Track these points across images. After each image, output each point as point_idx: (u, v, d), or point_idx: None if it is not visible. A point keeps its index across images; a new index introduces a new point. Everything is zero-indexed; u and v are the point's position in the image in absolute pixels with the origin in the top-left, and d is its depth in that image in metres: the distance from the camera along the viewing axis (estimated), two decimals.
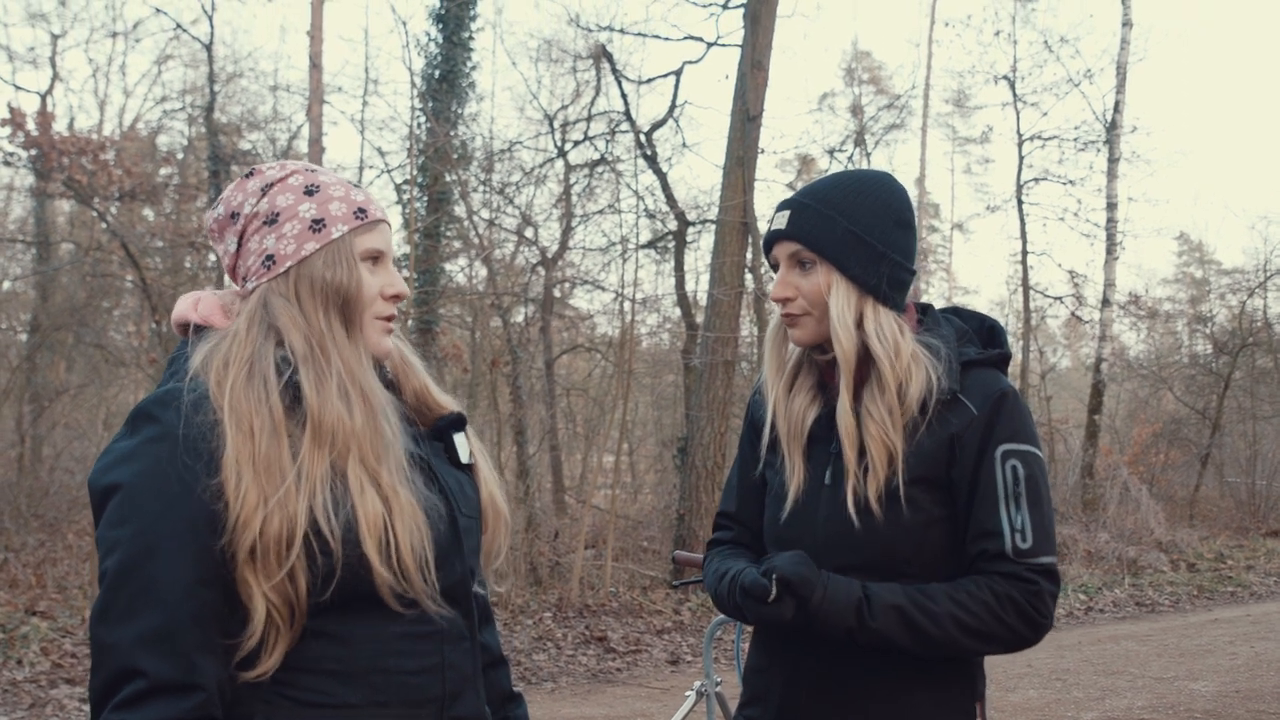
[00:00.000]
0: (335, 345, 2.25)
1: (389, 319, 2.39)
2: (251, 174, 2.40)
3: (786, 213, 2.85)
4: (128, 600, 2.05)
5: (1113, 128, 24.05)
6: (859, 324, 2.77)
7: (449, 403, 2.57)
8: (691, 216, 20.69)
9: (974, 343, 2.91)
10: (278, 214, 2.32)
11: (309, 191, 2.34)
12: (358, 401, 2.22)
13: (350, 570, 2.13)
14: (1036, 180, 26.96)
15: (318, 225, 2.30)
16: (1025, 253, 26.79)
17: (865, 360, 2.79)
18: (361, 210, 2.35)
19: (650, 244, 21.90)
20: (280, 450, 2.14)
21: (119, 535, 2.08)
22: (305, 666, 2.18)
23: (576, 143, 21.45)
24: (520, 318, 20.76)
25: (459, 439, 2.53)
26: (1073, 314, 28.07)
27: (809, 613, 2.64)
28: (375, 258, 2.36)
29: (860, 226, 2.79)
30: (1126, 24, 23.68)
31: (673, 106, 20.42)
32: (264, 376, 2.19)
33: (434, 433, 2.51)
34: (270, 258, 2.29)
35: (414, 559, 2.18)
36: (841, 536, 2.77)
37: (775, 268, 2.92)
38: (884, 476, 2.72)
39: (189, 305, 2.38)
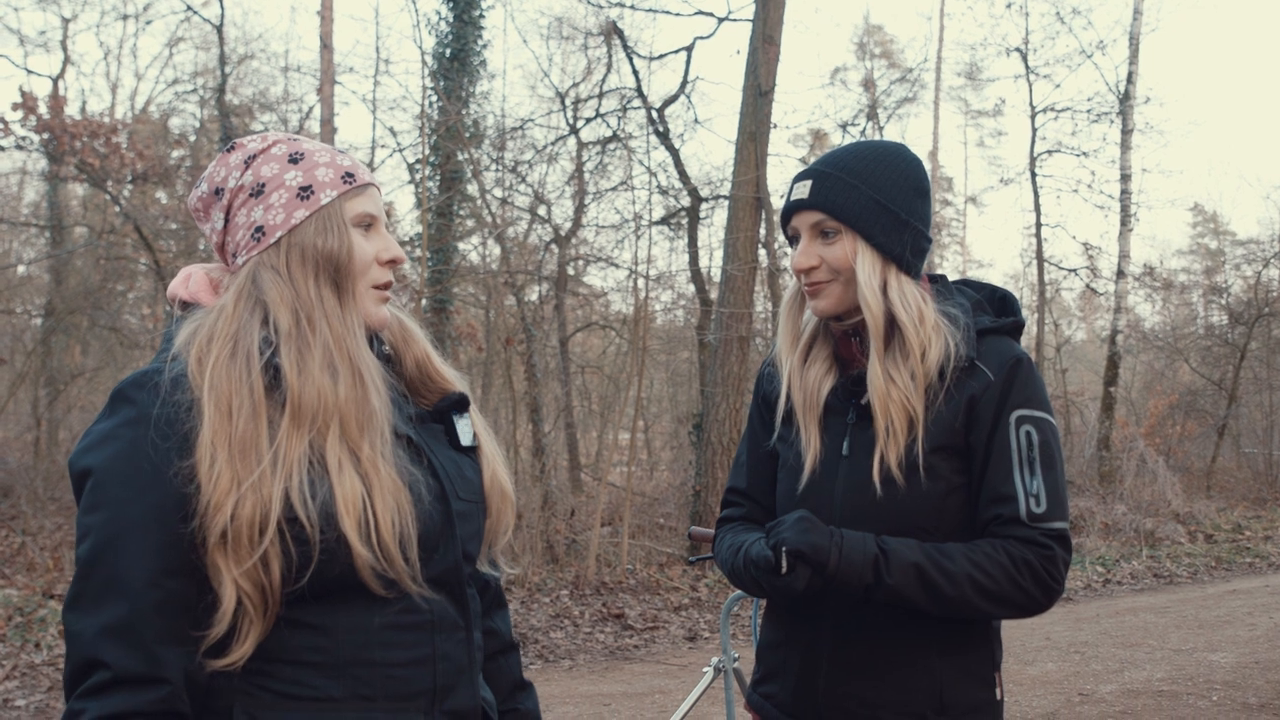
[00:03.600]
0: (325, 315, 2.20)
1: (385, 286, 2.34)
2: (232, 148, 2.34)
3: (807, 182, 2.84)
4: (95, 589, 2.02)
5: (1126, 99, 23.99)
6: (884, 290, 2.78)
7: (452, 377, 2.52)
8: (704, 192, 20.70)
9: (987, 312, 2.92)
10: (264, 184, 2.26)
11: (294, 159, 2.29)
12: (345, 372, 2.17)
13: (328, 554, 2.08)
14: (1050, 152, 26.96)
15: (306, 192, 2.25)
16: (1039, 225, 26.76)
17: (889, 327, 2.79)
18: (349, 174, 2.30)
19: (663, 220, 21.90)
20: (258, 432, 2.09)
21: (90, 522, 2.05)
22: (285, 657, 2.13)
23: (588, 120, 21.43)
24: (534, 296, 20.79)
25: (460, 421, 2.47)
26: (1087, 286, 28.08)
27: (826, 577, 2.63)
28: (367, 223, 2.31)
29: (884, 195, 2.79)
30: None
31: (684, 82, 20.39)
32: (248, 354, 2.13)
33: (435, 414, 2.46)
34: (259, 229, 2.24)
35: (394, 537, 2.12)
36: (861, 507, 2.77)
37: (792, 239, 2.92)
38: (904, 443, 2.72)
39: (180, 281, 2.34)
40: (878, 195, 2.79)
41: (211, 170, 2.34)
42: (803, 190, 2.84)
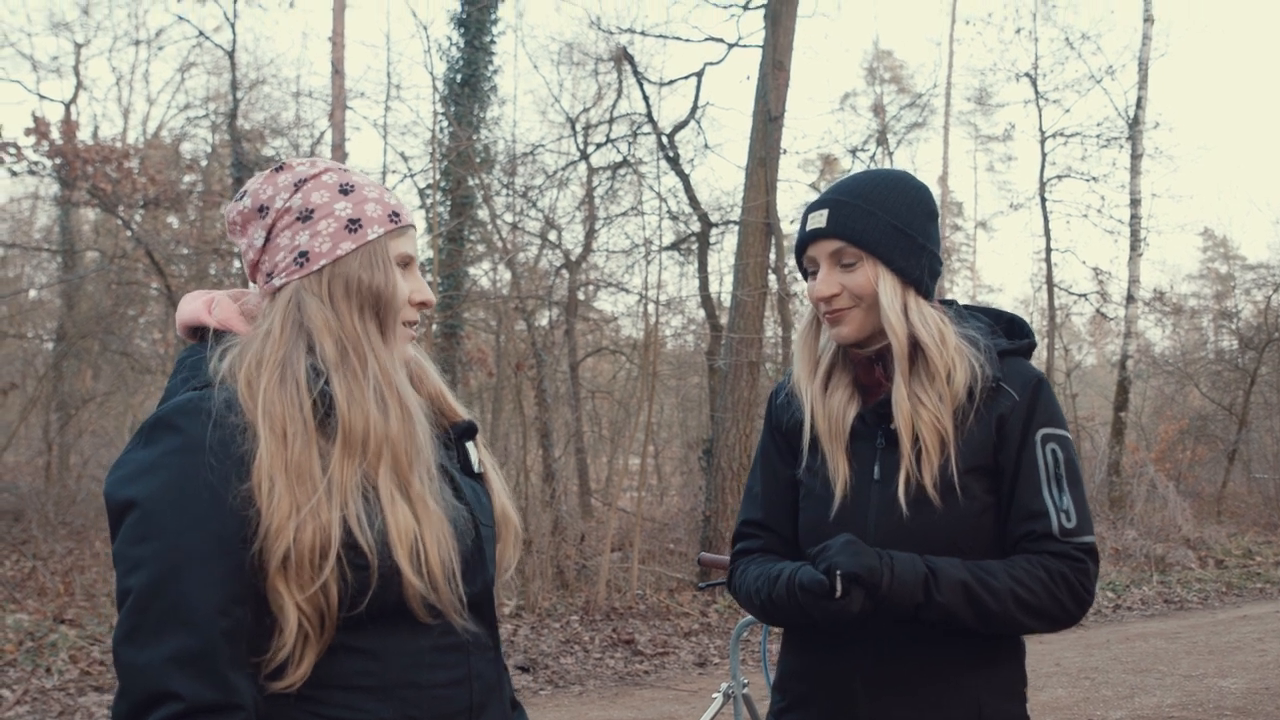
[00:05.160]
0: (371, 349, 2.22)
1: (412, 324, 2.37)
2: (281, 168, 2.34)
3: (823, 212, 2.86)
4: (156, 620, 1.98)
5: (1135, 124, 24.00)
6: (905, 313, 2.81)
7: (462, 410, 2.54)
8: (714, 218, 20.75)
9: (1000, 335, 2.96)
10: (312, 211, 2.27)
11: (344, 190, 2.30)
12: (394, 406, 2.19)
13: (383, 581, 2.10)
14: (1060, 177, 27.00)
15: (354, 225, 2.26)
16: (1049, 250, 26.79)
17: (912, 350, 2.82)
18: (395, 214, 2.32)
19: (673, 246, 21.91)
20: (312, 458, 2.10)
21: (141, 553, 2.02)
22: (337, 683, 2.14)
23: (599, 145, 21.46)
24: (544, 321, 20.78)
25: (471, 447, 2.50)
26: (1097, 311, 28.09)
27: (879, 599, 2.64)
28: (405, 263, 2.33)
29: (900, 220, 2.83)
30: (1148, 19, 23.64)
31: (694, 108, 20.46)
32: (296, 381, 2.14)
33: (446, 442, 2.47)
34: (304, 254, 2.25)
35: (442, 570, 2.15)
36: (896, 530, 2.79)
37: (805, 270, 2.95)
38: (938, 463, 2.75)
39: (201, 308, 2.33)
40: (894, 221, 2.83)
41: (257, 186, 2.34)
42: (819, 220, 2.86)
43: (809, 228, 2.89)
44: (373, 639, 2.16)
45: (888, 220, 2.82)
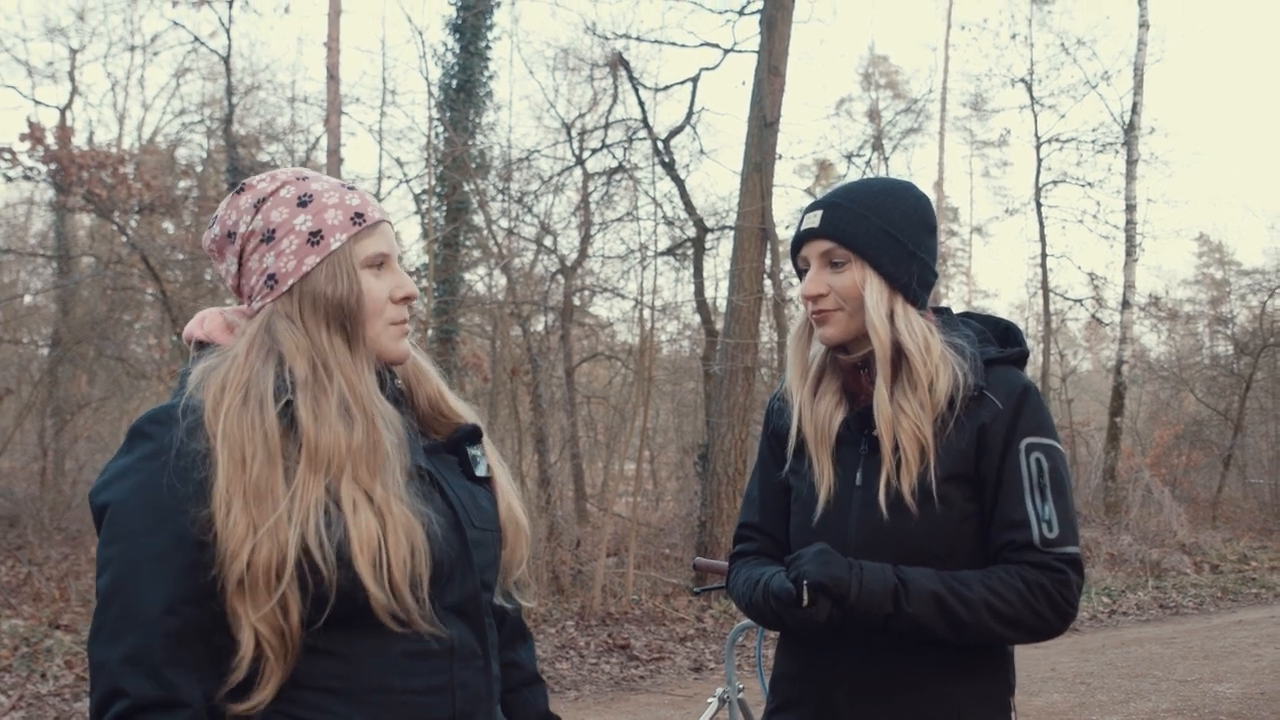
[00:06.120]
0: (338, 364, 2.21)
1: (402, 322, 2.35)
2: (242, 189, 2.35)
3: (818, 213, 2.88)
4: (114, 619, 2.05)
5: (1131, 129, 24.04)
6: (891, 319, 2.81)
7: (465, 411, 2.53)
8: (710, 223, 20.72)
9: (992, 343, 2.96)
10: (274, 230, 2.27)
11: (303, 203, 2.30)
12: (359, 418, 2.18)
13: (344, 593, 2.10)
14: (1055, 183, 27.04)
15: (315, 238, 2.25)
16: (1045, 255, 26.84)
17: (896, 356, 2.82)
18: (359, 215, 2.30)
19: (669, 251, 21.88)
20: (274, 476, 2.11)
21: (109, 554, 2.09)
22: (307, 683, 2.15)
23: (594, 151, 21.42)
24: (540, 326, 20.74)
25: (474, 452, 2.49)
26: (1093, 316, 28.13)
27: (847, 608, 2.65)
28: (380, 262, 2.31)
29: (893, 226, 2.84)
30: (1143, 25, 23.69)
31: (690, 113, 20.47)
32: (260, 400, 2.15)
33: (449, 446, 2.47)
34: (272, 277, 2.26)
35: (404, 576, 2.13)
36: (875, 535, 2.80)
37: (799, 271, 2.96)
38: (917, 471, 2.75)
39: (196, 322, 2.36)
40: (887, 226, 2.83)
41: (223, 213, 2.35)
42: (813, 220, 2.88)
43: (803, 227, 2.91)
44: (343, 641, 2.16)
45: (880, 225, 2.82)
